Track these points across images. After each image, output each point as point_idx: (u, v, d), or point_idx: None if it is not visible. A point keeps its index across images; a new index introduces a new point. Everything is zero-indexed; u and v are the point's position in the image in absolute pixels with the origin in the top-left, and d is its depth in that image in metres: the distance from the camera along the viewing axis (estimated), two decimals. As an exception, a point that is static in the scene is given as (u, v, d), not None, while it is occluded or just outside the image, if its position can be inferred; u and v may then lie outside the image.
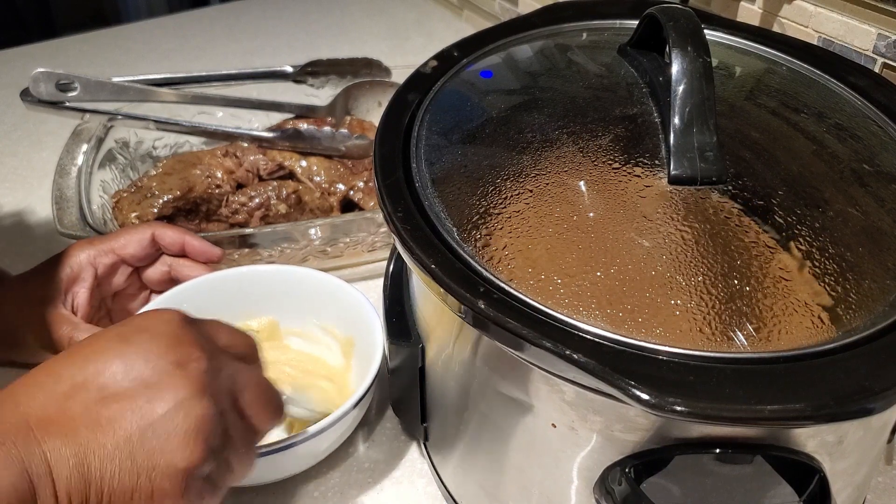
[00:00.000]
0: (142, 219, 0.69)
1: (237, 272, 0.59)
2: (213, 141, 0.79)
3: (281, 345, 0.60)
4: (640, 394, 0.30)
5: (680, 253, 0.36)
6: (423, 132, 0.45)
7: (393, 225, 0.39)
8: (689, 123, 0.40)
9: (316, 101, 0.83)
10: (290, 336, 0.61)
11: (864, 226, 0.38)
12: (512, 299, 0.35)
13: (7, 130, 0.93)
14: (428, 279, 0.37)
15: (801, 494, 0.35)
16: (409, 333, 0.46)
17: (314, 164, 0.75)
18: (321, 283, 0.58)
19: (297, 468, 0.52)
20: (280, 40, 1.14)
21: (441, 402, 0.47)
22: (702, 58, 0.41)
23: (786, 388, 0.31)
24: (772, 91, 0.48)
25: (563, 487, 0.39)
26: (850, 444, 0.36)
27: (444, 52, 0.51)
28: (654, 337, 0.33)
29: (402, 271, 0.50)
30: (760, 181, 0.40)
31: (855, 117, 0.45)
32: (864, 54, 0.62)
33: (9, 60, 1.09)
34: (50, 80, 0.66)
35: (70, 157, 0.70)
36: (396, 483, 0.53)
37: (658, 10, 0.45)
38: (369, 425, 0.57)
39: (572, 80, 0.48)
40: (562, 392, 0.36)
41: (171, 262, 0.59)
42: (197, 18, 1.23)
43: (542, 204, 0.39)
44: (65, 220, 0.63)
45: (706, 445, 0.34)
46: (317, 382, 0.57)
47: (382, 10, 1.23)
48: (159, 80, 0.75)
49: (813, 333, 0.33)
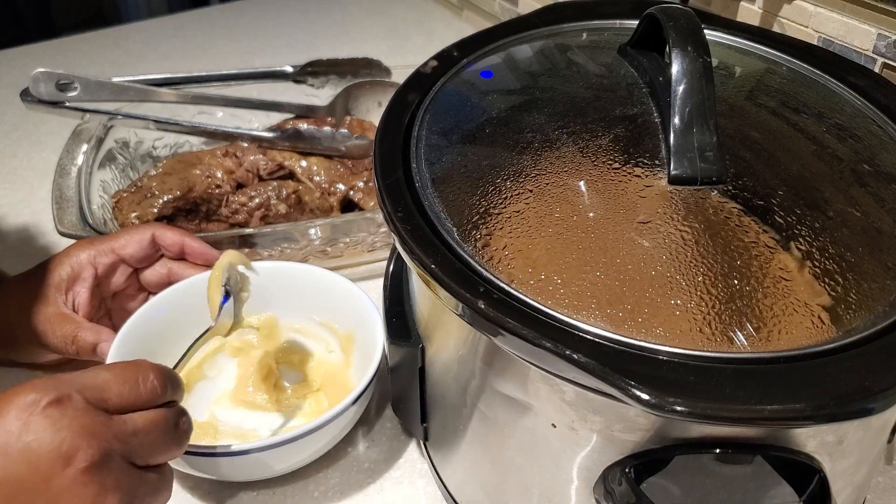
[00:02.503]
0: (142, 219, 0.69)
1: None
2: (213, 141, 0.80)
3: (280, 341, 0.61)
4: (640, 394, 0.30)
5: (680, 253, 0.36)
6: (423, 132, 0.45)
7: (393, 225, 0.39)
8: (689, 123, 0.40)
9: (316, 101, 0.83)
10: (289, 332, 0.61)
11: (864, 226, 0.38)
12: (512, 299, 0.35)
13: (7, 130, 0.93)
14: (428, 279, 0.37)
15: (801, 494, 0.35)
16: (409, 333, 0.46)
17: (314, 164, 0.75)
18: (321, 279, 0.58)
19: (298, 463, 0.52)
20: (280, 40, 1.14)
21: (441, 402, 0.47)
22: (702, 58, 0.41)
23: (786, 388, 0.31)
24: (772, 91, 0.48)
25: (563, 487, 0.39)
26: (850, 444, 0.36)
27: (444, 52, 0.51)
28: (654, 337, 0.33)
29: (402, 271, 0.50)
30: (760, 181, 0.40)
31: (855, 117, 0.45)
32: (864, 54, 0.62)
33: (9, 60, 1.09)
34: (50, 80, 0.66)
35: (70, 157, 0.70)
36: (396, 483, 0.53)
37: (658, 10, 0.45)
38: (369, 425, 0.57)
39: (572, 80, 0.48)
40: (562, 392, 0.36)
41: (171, 265, 0.59)
42: (197, 18, 1.23)
43: (542, 204, 0.39)
44: (65, 220, 0.63)
45: (706, 445, 0.34)
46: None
47: (382, 10, 1.23)
48: (159, 80, 0.75)
49: (813, 333, 0.33)
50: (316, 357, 0.60)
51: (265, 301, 0.59)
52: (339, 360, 0.59)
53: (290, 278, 0.59)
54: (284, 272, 0.59)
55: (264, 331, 0.60)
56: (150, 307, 0.56)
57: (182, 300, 0.57)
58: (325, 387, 0.58)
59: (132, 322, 0.54)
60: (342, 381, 0.57)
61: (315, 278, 0.59)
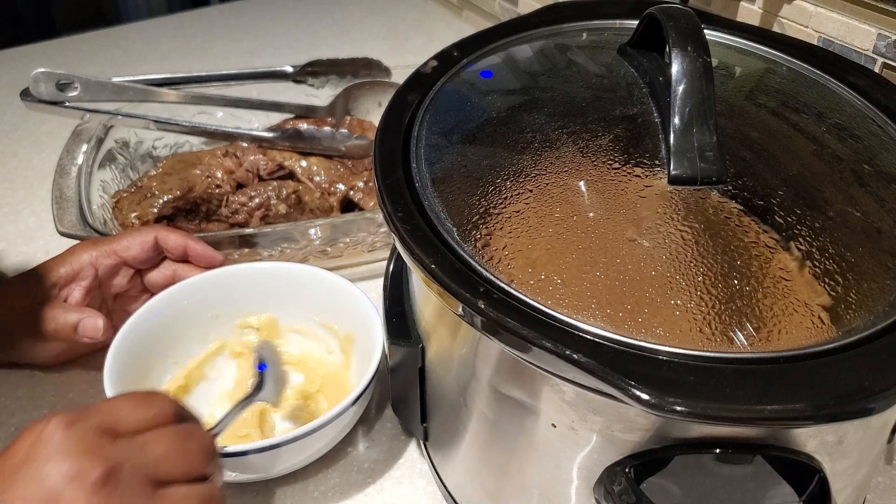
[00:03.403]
0: (142, 219, 0.69)
1: (237, 269, 0.59)
2: (213, 141, 0.79)
3: (281, 342, 0.61)
4: (640, 394, 0.30)
5: (680, 253, 0.36)
6: (423, 132, 0.45)
7: (393, 225, 0.39)
8: (689, 123, 0.40)
9: (316, 101, 0.83)
10: (289, 333, 0.61)
11: (864, 226, 0.38)
12: (512, 299, 0.35)
13: (7, 130, 0.93)
14: (428, 279, 0.37)
15: (801, 494, 0.35)
16: (409, 333, 0.46)
17: (314, 164, 0.75)
18: (321, 280, 0.58)
19: (297, 465, 0.52)
20: (280, 40, 1.14)
21: (441, 402, 0.47)
22: (702, 58, 0.41)
23: (786, 388, 0.31)
24: (772, 91, 0.48)
25: (563, 487, 0.39)
26: (850, 444, 0.36)
27: (444, 52, 0.51)
28: (654, 337, 0.33)
29: (402, 271, 0.50)
30: (760, 181, 0.40)
31: (855, 117, 0.45)
32: (864, 54, 0.62)
33: (9, 60, 1.09)
34: (50, 80, 0.66)
35: (70, 157, 0.70)
36: (396, 483, 0.53)
37: (658, 10, 0.45)
38: (369, 425, 0.57)
39: (572, 80, 0.48)
40: (562, 392, 0.36)
41: (176, 266, 0.59)
42: (197, 18, 1.23)
43: (542, 204, 0.39)
44: (65, 220, 0.63)
45: (706, 445, 0.34)
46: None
47: (382, 10, 1.23)
48: (159, 80, 0.75)
49: (813, 333, 0.33)
50: (316, 358, 0.60)
51: (265, 302, 0.60)
52: (338, 360, 0.59)
53: (289, 279, 0.59)
54: (284, 273, 0.59)
55: (264, 331, 0.60)
56: (148, 308, 0.56)
57: (181, 300, 0.57)
58: (325, 388, 0.58)
59: (131, 322, 0.54)
60: (342, 382, 0.57)
61: (314, 279, 0.59)
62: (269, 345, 0.55)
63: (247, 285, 0.59)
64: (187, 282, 0.58)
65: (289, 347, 0.61)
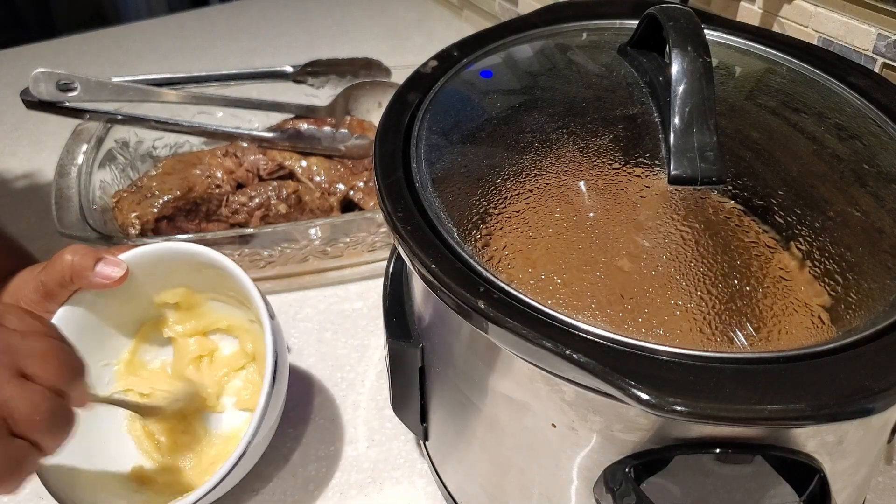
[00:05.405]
0: (142, 219, 0.69)
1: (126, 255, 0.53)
2: (213, 141, 0.80)
3: (204, 311, 0.57)
4: (640, 394, 0.30)
5: (680, 253, 0.36)
6: (423, 132, 0.45)
7: (393, 225, 0.39)
8: (689, 123, 0.40)
9: (316, 101, 0.83)
10: (209, 301, 0.57)
11: (864, 226, 0.38)
12: (512, 299, 0.35)
13: (7, 130, 0.93)
14: (428, 279, 0.37)
15: (801, 494, 0.35)
16: (409, 333, 0.46)
17: (314, 164, 0.75)
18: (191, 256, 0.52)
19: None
20: (280, 40, 1.14)
21: (441, 402, 0.47)
22: (702, 58, 0.41)
23: (786, 388, 0.31)
24: (772, 91, 0.48)
25: (563, 487, 0.39)
26: (850, 444, 0.36)
27: (444, 52, 0.51)
28: (655, 337, 0.33)
29: (402, 271, 0.50)
30: (760, 181, 0.40)
31: (855, 117, 0.45)
32: (864, 54, 0.62)
33: (9, 60, 1.09)
34: (50, 80, 0.66)
35: (70, 157, 0.70)
36: (396, 483, 0.53)
37: (658, 10, 0.45)
38: (369, 425, 0.57)
39: (572, 81, 0.48)
40: (562, 392, 0.36)
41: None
42: (197, 18, 1.23)
43: (542, 204, 0.39)
44: (65, 220, 0.63)
45: (706, 445, 0.34)
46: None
47: (382, 10, 1.23)
48: (159, 80, 0.75)
49: (813, 333, 0.33)
50: (240, 325, 0.57)
51: (173, 279, 0.54)
52: (259, 329, 0.52)
53: (171, 259, 0.53)
54: (161, 253, 0.53)
55: (185, 305, 0.56)
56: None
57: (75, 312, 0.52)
58: (257, 355, 0.56)
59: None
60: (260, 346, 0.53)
61: (184, 255, 0.53)
62: None
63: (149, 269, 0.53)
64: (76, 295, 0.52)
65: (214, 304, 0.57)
